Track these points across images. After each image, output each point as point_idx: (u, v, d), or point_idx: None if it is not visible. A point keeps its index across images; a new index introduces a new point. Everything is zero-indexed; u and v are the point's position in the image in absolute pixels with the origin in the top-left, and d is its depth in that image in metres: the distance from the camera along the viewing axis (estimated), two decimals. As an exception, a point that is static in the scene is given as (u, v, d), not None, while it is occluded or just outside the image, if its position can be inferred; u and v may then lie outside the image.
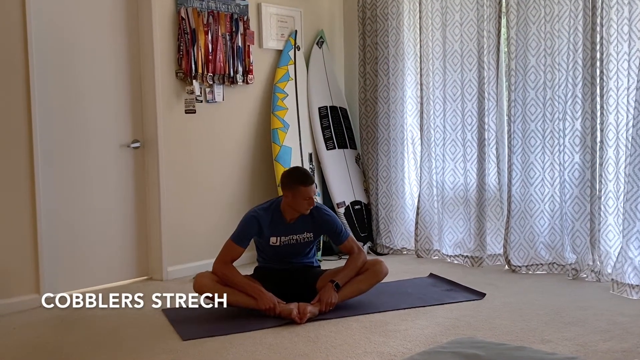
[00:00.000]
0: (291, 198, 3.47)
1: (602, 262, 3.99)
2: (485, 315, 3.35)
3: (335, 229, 3.62)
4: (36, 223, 3.70)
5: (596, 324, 3.14)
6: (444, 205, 4.78)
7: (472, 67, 4.56)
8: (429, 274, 4.27)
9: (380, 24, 5.04)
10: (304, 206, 3.48)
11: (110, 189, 4.20)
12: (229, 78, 4.60)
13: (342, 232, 3.64)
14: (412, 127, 5.05)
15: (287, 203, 3.50)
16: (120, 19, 4.21)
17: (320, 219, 3.57)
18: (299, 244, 3.57)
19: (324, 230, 3.64)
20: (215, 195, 4.63)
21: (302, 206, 3.48)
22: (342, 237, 3.63)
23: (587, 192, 4.06)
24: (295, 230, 3.53)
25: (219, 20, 4.52)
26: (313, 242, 3.65)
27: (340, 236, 3.62)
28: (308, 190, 3.46)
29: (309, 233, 3.57)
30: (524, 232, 4.32)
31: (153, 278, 4.36)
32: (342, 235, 3.63)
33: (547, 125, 4.24)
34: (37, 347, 3.02)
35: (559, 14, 4.12)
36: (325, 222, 3.59)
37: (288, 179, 3.53)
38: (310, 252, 3.70)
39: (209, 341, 3.03)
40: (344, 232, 3.64)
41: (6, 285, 3.59)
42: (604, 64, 3.91)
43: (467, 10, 4.55)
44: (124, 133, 4.26)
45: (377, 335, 3.07)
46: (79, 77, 4.01)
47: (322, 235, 3.84)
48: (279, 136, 4.82)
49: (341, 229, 3.64)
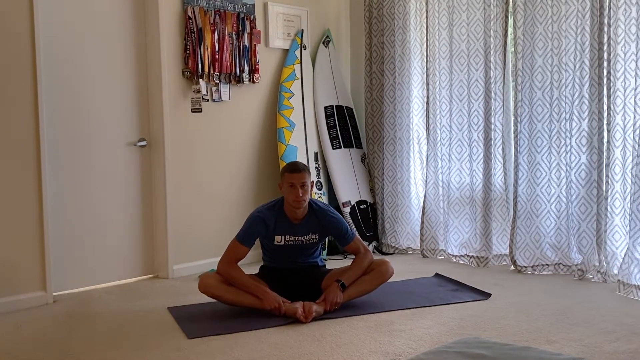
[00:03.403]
0: (282, 189, 3.49)
1: (608, 262, 3.98)
2: (491, 315, 3.35)
3: (341, 230, 3.59)
4: (43, 221, 3.71)
5: (602, 325, 3.14)
6: (449, 205, 4.77)
7: (478, 66, 4.55)
8: (435, 274, 4.26)
9: (386, 23, 5.04)
10: (290, 195, 3.42)
11: (117, 187, 4.21)
12: (235, 77, 4.60)
13: (348, 233, 3.61)
14: (418, 126, 5.05)
15: (284, 198, 3.50)
16: (127, 18, 4.22)
17: (325, 221, 3.56)
18: (304, 244, 3.56)
19: (329, 231, 3.61)
20: (221, 194, 4.64)
21: (289, 195, 3.43)
22: (348, 238, 3.61)
23: (593, 192, 4.04)
24: (301, 232, 3.52)
25: (226, 20, 4.53)
26: (318, 243, 3.65)
27: (346, 237, 3.60)
28: (292, 176, 3.42)
29: (315, 234, 3.56)
30: (530, 232, 4.31)
31: (159, 276, 4.38)
32: (348, 237, 3.60)
33: (554, 126, 4.23)
34: (44, 344, 3.03)
35: (566, 13, 4.11)
36: (330, 224, 3.57)
37: (281, 170, 3.54)
38: (316, 251, 3.70)
39: (215, 339, 3.03)
40: (349, 233, 3.62)
41: (13, 282, 3.61)
42: (611, 64, 3.90)
43: (474, 10, 4.54)
44: (131, 131, 4.27)
45: (382, 334, 3.07)
46: (86, 75, 4.03)
47: (328, 236, 3.82)
48: (285, 135, 4.82)
49: (347, 230, 3.61)
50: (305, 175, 3.44)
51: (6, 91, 3.57)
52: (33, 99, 3.66)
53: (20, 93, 3.63)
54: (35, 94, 3.67)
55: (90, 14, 4.04)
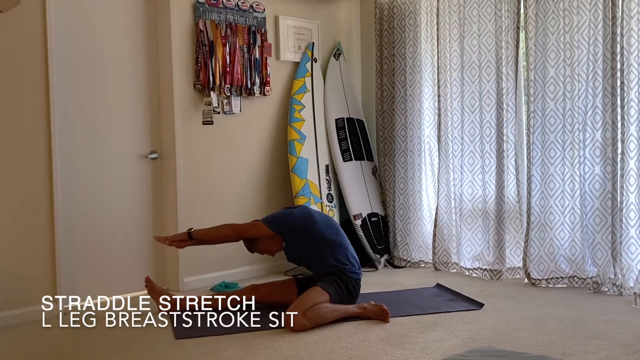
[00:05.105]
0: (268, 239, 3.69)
1: (624, 275, 3.92)
2: (505, 328, 3.30)
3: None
4: (54, 233, 3.72)
5: (619, 338, 3.08)
6: (462, 218, 4.73)
7: (490, 78, 4.53)
8: (436, 284, 4.26)
9: (397, 36, 5.04)
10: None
11: (129, 200, 4.22)
12: (246, 90, 4.62)
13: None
14: (430, 138, 5.02)
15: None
16: (139, 31, 4.25)
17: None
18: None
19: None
20: (232, 206, 4.63)
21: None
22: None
23: (608, 204, 4.00)
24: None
25: (237, 33, 4.55)
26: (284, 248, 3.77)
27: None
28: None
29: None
30: (544, 244, 4.25)
31: (169, 289, 4.35)
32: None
33: (567, 137, 4.19)
34: (55, 356, 3.03)
35: (578, 24, 4.09)
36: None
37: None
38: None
39: (226, 351, 3.01)
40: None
41: (25, 294, 3.61)
42: (625, 75, 3.87)
43: (485, 22, 4.53)
44: (142, 144, 4.28)
45: (394, 347, 3.03)
46: (98, 88, 4.05)
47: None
48: (296, 147, 4.82)
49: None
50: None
51: (19, 104, 3.60)
52: (45, 112, 3.69)
53: (32, 106, 3.65)
54: (48, 107, 3.69)
55: (102, 27, 4.08)
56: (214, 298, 3.71)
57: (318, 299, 3.41)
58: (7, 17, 3.46)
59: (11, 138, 3.59)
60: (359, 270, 3.69)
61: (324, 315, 3.37)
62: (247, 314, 3.51)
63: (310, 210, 3.86)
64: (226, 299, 3.68)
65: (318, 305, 3.37)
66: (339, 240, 3.70)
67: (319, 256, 3.64)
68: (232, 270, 4.51)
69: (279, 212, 3.81)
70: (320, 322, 3.35)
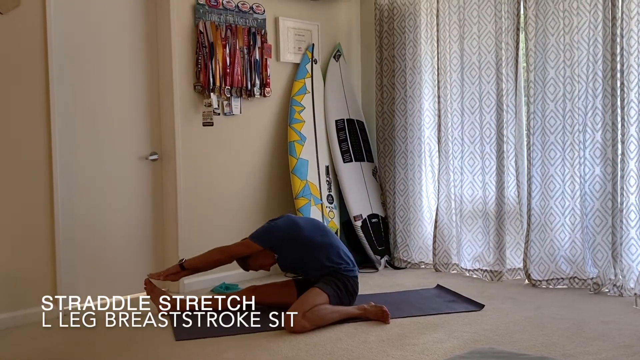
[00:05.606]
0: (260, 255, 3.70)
1: (624, 276, 3.91)
2: (505, 329, 3.30)
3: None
4: (54, 234, 3.72)
5: (619, 339, 3.07)
6: (462, 219, 4.73)
7: (490, 79, 4.53)
8: (436, 285, 4.26)
9: (397, 37, 5.04)
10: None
11: (128, 201, 4.21)
12: (247, 91, 4.62)
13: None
14: (430, 139, 5.02)
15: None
16: (139, 33, 4.25)
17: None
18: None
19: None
20: (232, 208, 4.63)
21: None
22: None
23: (608, 205, 3.99)
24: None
25: (237, 34, 4.55)
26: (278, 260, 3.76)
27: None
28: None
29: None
30: (544, 245, 4.25)
31: (170, 290, 4.35)
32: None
33: (567, 137, 4.19)
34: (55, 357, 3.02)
35: (578, 25, 4.09)
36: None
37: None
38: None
39: (226, 352, 3.01)
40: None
41: (25, 296, 3.61)
42: (625, 76, 3.87)
43: (485, 23, 4.53)
44: (142, 145, 4.28)
45: (394, 348, 3.03)
46: (98, 89, 4.05)
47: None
48: (296, 149, 4.82)
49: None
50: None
51: (19, 105, 3.60)
52: (45, 113, 3.69)
53: (32, 107, 3.65)
54: (48, 108, 3.69)
55: (102, 28, 4.08)
56: (214, 298, 3.71)
57: (317, 300, 3.41)
58: (7, 18, 3.47)
59: (11, 138, 3.59)
60: (354, 268, 3.69)
61: (324, 317, 3.37)
62: (247, 314, 3.51)
63: (293, 217, 3.87)
64: (226, 299, 3.68)
65: (318, 307, 3.37)
66: (329, 241, 3.70)
67: (312, 260, 3.64)
68: (232, 272, 4.51)
69: (264, 226, 3.81)
70: (320, 324, 3.34)
